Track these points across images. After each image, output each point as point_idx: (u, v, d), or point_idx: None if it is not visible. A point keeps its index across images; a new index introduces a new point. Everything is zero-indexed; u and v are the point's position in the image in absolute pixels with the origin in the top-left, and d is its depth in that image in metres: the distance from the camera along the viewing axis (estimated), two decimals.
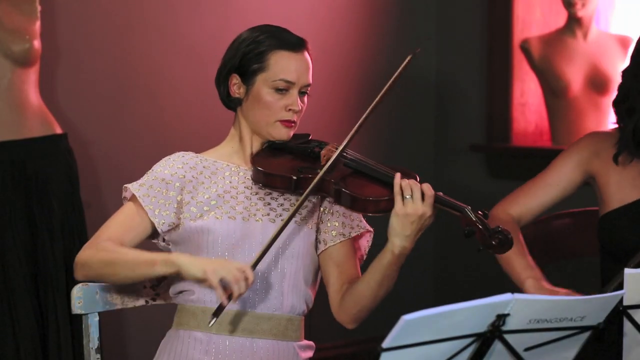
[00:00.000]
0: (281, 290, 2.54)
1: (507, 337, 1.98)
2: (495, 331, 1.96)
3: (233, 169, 2.61)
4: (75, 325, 3.71)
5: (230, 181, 2.59)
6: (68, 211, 3.78)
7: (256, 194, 2.58)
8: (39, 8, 3.76)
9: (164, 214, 2.52)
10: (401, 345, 1.87)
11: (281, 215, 2.56)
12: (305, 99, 2.59)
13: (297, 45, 2.57)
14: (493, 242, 2.39)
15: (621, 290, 2.12)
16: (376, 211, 2.47)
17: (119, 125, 4.26)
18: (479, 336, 1.96)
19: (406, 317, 1.83)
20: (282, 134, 2.57)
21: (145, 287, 2.69)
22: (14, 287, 3.66)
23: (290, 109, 2.55)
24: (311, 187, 2.46)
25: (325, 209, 2.62)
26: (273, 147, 2.60)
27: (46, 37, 3.85)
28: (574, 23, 4.58)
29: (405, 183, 2.42)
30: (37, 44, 3.71)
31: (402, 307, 2.17)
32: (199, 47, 4.35)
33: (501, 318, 1.95)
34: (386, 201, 2.46)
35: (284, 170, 2.52)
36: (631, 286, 2.21)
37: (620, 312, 2.22)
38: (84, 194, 3.86)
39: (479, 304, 1.90)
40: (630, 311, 2.23)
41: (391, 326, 1.84)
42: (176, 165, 2.58)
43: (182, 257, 2.40)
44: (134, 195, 2.54)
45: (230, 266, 2.35)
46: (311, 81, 2.58)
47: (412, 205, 2.40)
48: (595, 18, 4.61)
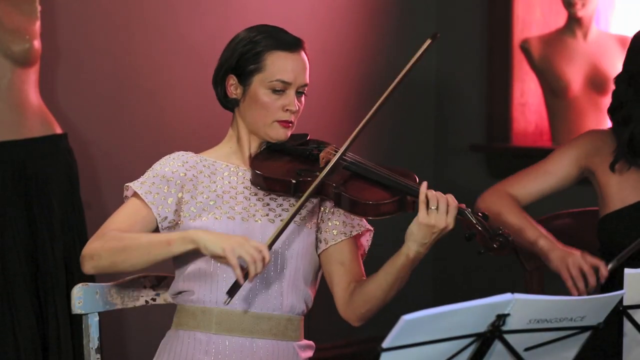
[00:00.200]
0: (281, 290, 2.54)
1: (507, 337, 1.98)
2: (495, 331, 1.96)
3: (232, 169, 2.61)
4: (75, 325, 3.71)
5: (230, 181, 2.59)
6: (68, 211, 3.78)
7: (255, 194, 2.58)
8: (39, 8, 3.76)
9: (166, 210, 2.52)
10: (401, 345, 1.87)
11: (280, 215, 2.56)
12: (302, 99, 2.59)
13: (294, 45, 2.57)
14: (494, 245, 2.39)
15: (621, 290, 2.12)
16: (376, 215, 2.47)
17: (119, 125, 4.26)
18: (479, 336, 1.96)
19: (406, 317, 1.83)
20: (280, 134, 2.57)
21: (145, 287, 2.69)
22: (14, 287, 3.65)
23: (287, 109, 2.55)
24: (310, 190, 2.46)
25: (325, 209, 2.61)
26: (271, 148, 2.60)
27: (46, 37, 3.85)
28: (574, 23, 4.58)
29: (432, 194, 2.41)
30: (37, 44, 3.71)
31: (402, 307, 2.17)
32: (199, 47, 4.35)
33: (501, 318, 1.95)
34: (387, 205, 2.45)
35: (282, 174, 2.52)
36: (631, 286, 2.21)
37: (620, 312, 2.22)
38: (84, 194, 3.86)
39: (478, 304, 1.90)
40: (630, 311, 2.23)
41: (391, 326, 1.84)
42: (176, 163, 2.58)
43: (201, 234, 2.39)
44: (135, 193, 2.54)
45: (249, 245, 2.35)
46: (308, 81, 2.58)
47: (436, 217, 2.40)
48: (595, 18, 4.61)
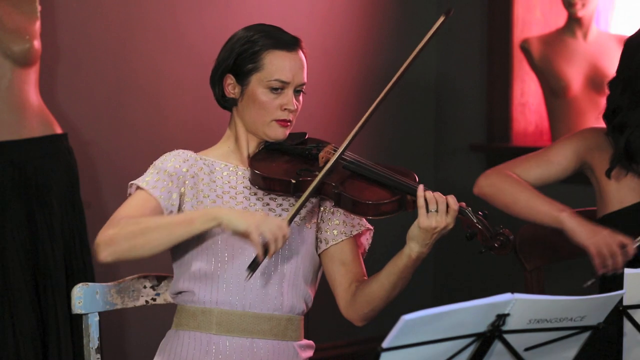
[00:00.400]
0: (281, 290, 2.54)
1: (507, 337, 1.98)
2: (495, 331, 1.96)
3: (231, 168, 2.60)
4: (75, 325, 3.71)
5: (229, 181, 2.59)
6: (68, 211, 3.77)
7: (255, 194, 2.58)
8: (39, 8, 3.76)
9: (171, 204, 2.52)
10: (401, 345, 1.87)
11: (280, 215, 2.56)
12: (300, 98, 2.58)
13: (292, 44, 2.57)
14: (495, 243, 2.39)
15: (621, 290, 2.12)
16: (377, 214, 2.47)
17: (119, 125, 4.25)
18: (479, 336, 1.96)
19: (406, 317, 1.83)
20: (278, 133, 2.57)
21: (145, 287, 2.69)
22: (14, 287, 3.65)
23: (285, 109, 2.55)
24: (310, 190, 2.46)
25: (325, 209, 2.61)
26: (270, 148, 2.60)
27: (46, 37, 3.85)
28: (574, 23, 4.58)
29: (430, 196, 2.41)
30: (37, 44, 3.71)
31: (402, 307, 2.17)
32: (199, 47, 4.35)
33: (501, 318, 1.95)
34: (387, 204, 2.45)
35: (282, 174, 2.51)
36: (631, 286, 2.21)
37: (620, 312, 2.22)
38: (84, 194, 3.86)
39: (478, 304, 1.90)
40: (630, 311, 2.23)
41: (391, 326, 1.84)
42: (178, 160, 2.57)
43: (224, 211, 2.39)
44: (140, 187, 2.53)
45: (271, 223, 2.36)
46: (306, 80, 2.58)
47: (436, 219, 2.41)
48: (595, 18, 4.61)
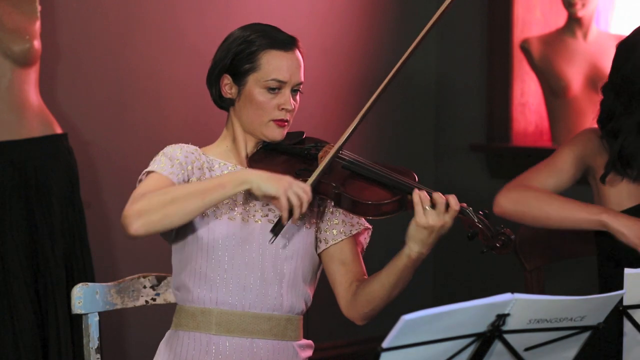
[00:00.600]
0: (280, 290, 2.53)
1: (507, 337, 1.98)
2: (495, 331, 1.96)
3: (230, 168, 2.60)
4: (75, 325, 3.71)
5: None
6: (68, 211, 3.77)
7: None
8: (39, 8, 3.76)
9: None
10: (401, 345, 1.87)
11: (280, 215, 2.55)
12: (297, 97, 2.58)
13: (288, 43, 2.56)
14: (497, 243, 2.39)
15: (621, 290, 2.12)
16: (377, 214, 2.46)
17: (119, 125, 4.25)
18: (479, 336, 1.96)
19: (406, 317, 1.83)
20: (276, 133, 2.56)
21: (145, 287, 2.69)
22: (13, 287, 3.65)
23: (283, 108, 2.55)
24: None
25: (324, 208, 2.61)
26: (268, 148, 2.59)
27: (46, 37, 3.85)
28: (574, 23, 4.58)
29: (424, 194, 2.41)
30: (37, 44, 3.71)
31: (402, 307, 2.17)
32: (199, 47, 4.34)
33: (501, 318, 1.95)
34: (387, 204, 2.45)
35: (281, 173, 2.51)
36: (631, 286, 2.21)
37: (620, 312, 2.22)
38: (84, 194, 3.86)
39: (478, 303, 1.90)
40: (630, 311, 2.23)
41: (391, 326, 1.84)
42: (185, 150, 2.56)
43: (253, 174, 2.40)
44: (153, 172, 2.49)
45: (297, 187, 2.38)
46: (303, 79, 2.57)
47: (433, 217, 2.40)
48: (595, 18, 4.61)
